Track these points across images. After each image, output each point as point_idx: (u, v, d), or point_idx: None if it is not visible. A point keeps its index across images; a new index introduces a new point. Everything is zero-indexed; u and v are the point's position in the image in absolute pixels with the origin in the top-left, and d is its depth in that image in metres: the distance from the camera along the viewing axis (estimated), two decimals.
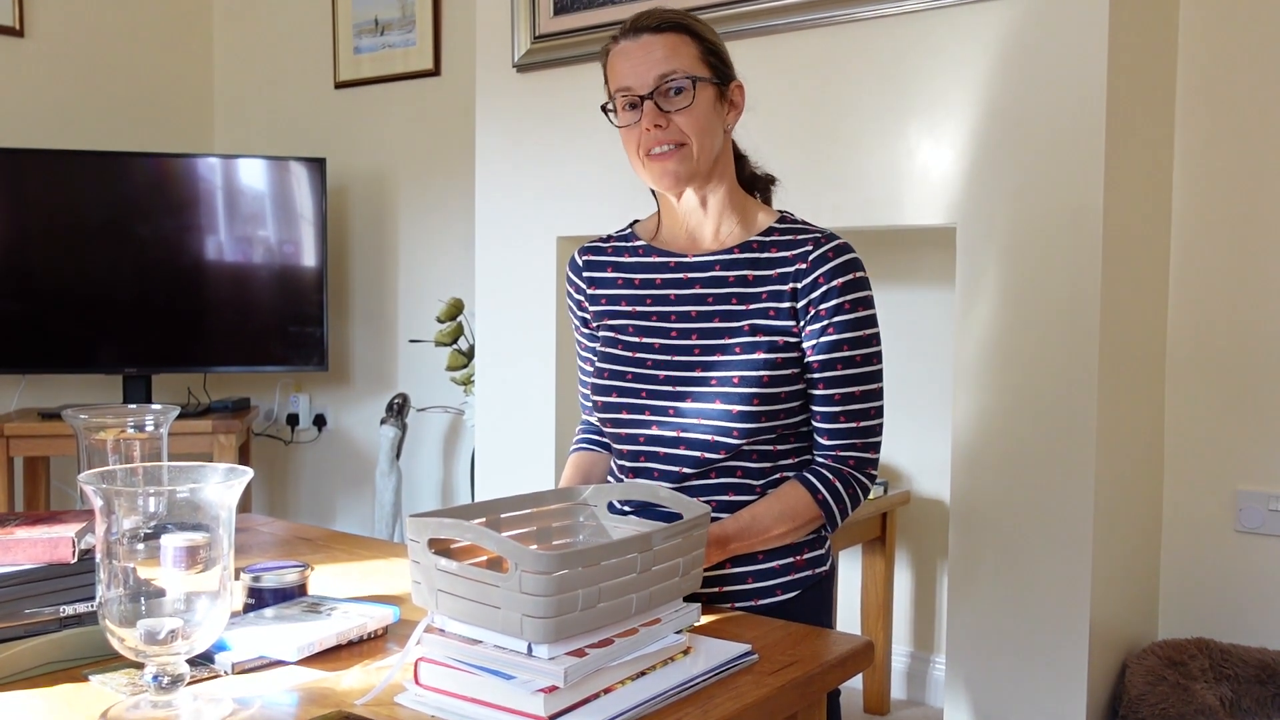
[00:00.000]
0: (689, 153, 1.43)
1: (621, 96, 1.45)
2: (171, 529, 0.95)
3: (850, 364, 1.43)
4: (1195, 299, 2.46)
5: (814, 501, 1.43)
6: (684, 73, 1.42)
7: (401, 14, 3.66)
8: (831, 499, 1.43)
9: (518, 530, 1.20)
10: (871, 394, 1.46)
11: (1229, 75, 2.40)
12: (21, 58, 3.64)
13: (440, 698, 0.98)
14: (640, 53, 1.43)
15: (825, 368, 1.43)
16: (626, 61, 1.44)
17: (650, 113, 1.42)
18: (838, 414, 1.44)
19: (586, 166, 2.77)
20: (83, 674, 1.08)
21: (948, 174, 2.24)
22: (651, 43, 1.43)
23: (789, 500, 1.43)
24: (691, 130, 1.43)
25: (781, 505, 1.42)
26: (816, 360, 1.43)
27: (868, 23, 2.33)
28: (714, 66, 1.46)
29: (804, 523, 1.44)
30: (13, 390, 3.64)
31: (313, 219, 3.60)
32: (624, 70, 1.44)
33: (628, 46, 1.45)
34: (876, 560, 2.77)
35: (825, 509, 1.43)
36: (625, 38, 1.46)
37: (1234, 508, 2.42)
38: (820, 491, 1.43)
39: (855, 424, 1.45)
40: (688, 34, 1.45)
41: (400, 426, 3.56)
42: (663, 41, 1.43)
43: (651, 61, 1.42)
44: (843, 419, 1.44)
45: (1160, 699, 2.15)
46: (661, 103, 1.42)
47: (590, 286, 1.59)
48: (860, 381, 1.44)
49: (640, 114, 1.43)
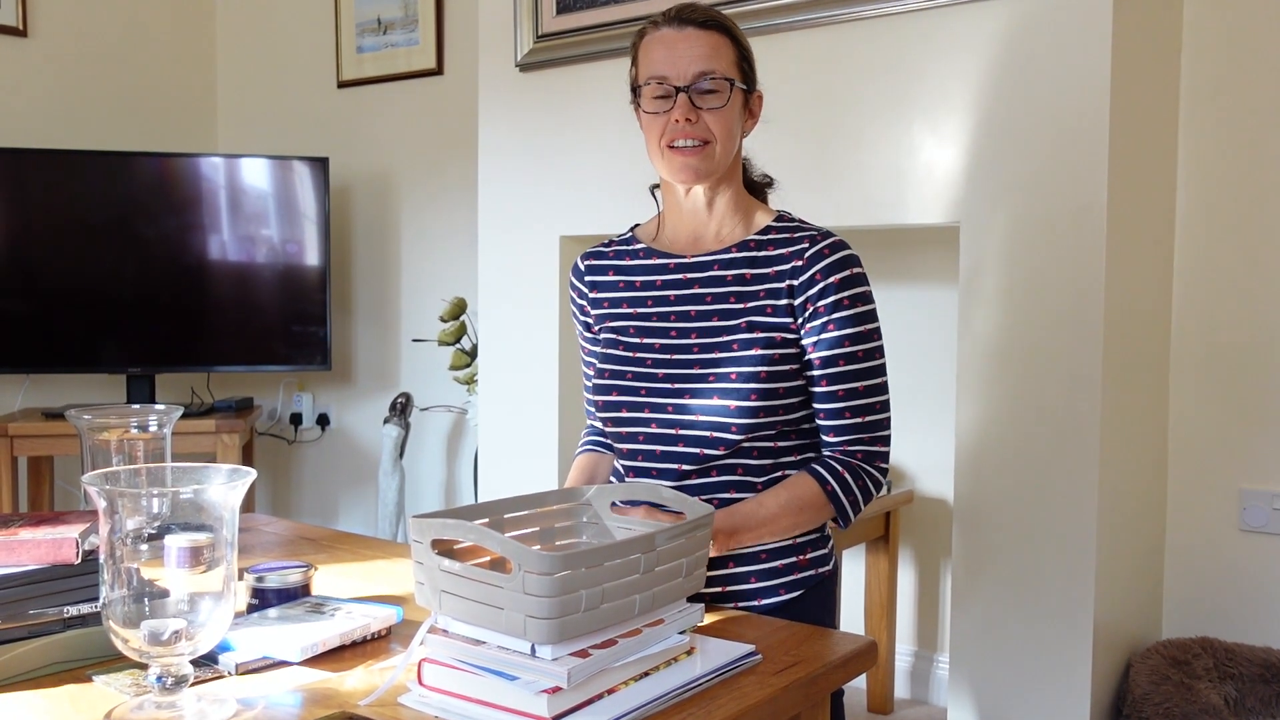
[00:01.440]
0: (711, 151, 1.44)
1: (655, 84, 1.45)
2: (175, 530, 0.95)
3: (853, 359, 1.43)
4: (1199, 297, 2.45)
5: (822, 492, 1.42)
6: (722, 74, 1.43)
7: (404, 13, 3.66)
8: (840, 489, 1.42)
9: (521, 531, 1.20)
10: (875, 388, 1.45)
11: (1233, 72, 2.40)
12: (25, 57, 3.64)
13: (444, 698, 0.98)
14: (684, 45, 1.43)
15: (827, 364, 1.43)
16: (666, 51, 1.44)
17: (684, 106, 1.42)
18: (842, 410, 1.44)
19: (589, 165, 2.77)
20: (87, 675, 1.08)
21: (950, 173, 2.24)
22: (695, 37, 1.43)
23: (796, 489, 1.42)
24: (718, 130, 1.44)
25: (789, 494, 1.42)
26: (818, 357, 1.43)
27: (870, 21, 2.32)
28: (745, 73, 1.48)
29: (813, 512, 1.42)
30: (16, 390, 3.64)
31: (316, 218, 3.60)
32: (661, 58, 1.44)
33: (669, 35, 1.44)
34: (880, 559, 2.77)
35: (834, 500, 1.42)
36: (668, 25, 1.45)
37: (1238, 506, 2.42)
38: (829, 482, 1.42)
39: (861, 419, 1.44)
40: (729, 36, 1.46)
41: (403, 426, 3.57)
42: (707, 38, 1.43)
43: (693, 56, 1.42)
44: (848, 414, 1.44)
45: (1164, 698, 2.15)
46: (695, 98, 1.42)
47: (592, 290, 1.60)
48: (864, 376, 1.44)
49: (670, 104, 1.43)
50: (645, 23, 1.49)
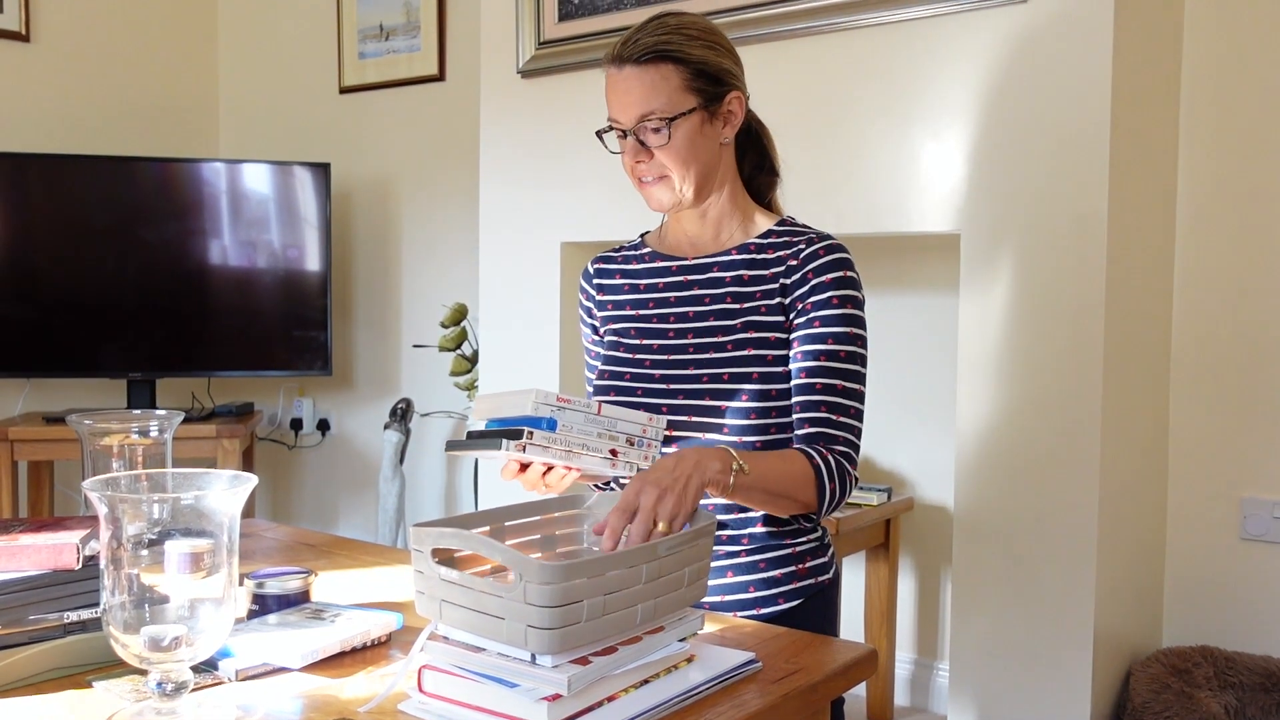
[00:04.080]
0: (671, 182, 1.45)
1: (611, 124, 1.47)
2: (175, 535, 0.95)
3: (834, 358, 1.42)
4: (1200, 306, 2.46)
5: (808, 462, 1.37)
6: (659, 114, 1.41)
7: (406, 19, 3.66)
8: (824, 466, 1.38)
9: (522, 539, 1.19)
10: (853, 393, 1.43)
11: (1234, 81, 2.40)
12: (28, 63, 3.65)
13: (444, 705, 0.98)
14: (623, 86, 1.43)
15: (808, 358, 1.42)
16: (613, 93, 1.45)
17: (631, 149, 1.45)
18: (819, 404, 1.41)
19: (591, 172, 2.78)
20: (87, 680, 1.08)
21: (952, 180, 2.24)
22: (633, 77, 1.42)
23: (786, 453, 1.39)
24: (672, 162, 1.44)
25: (779, 453, 1.39)
26: (802, 351, 1.42)
27: (872, 29, 2.33)
28: (700, 90, 1.43)
29: (800, 476, 1.36)
30: (17, 394, 3.64)
31: (317, 224, 3.60)
32: (611, 100, 1.46)
33: (613, 76, 1.45)
34: (880, 567, 2.77)
35: (817, 474, 1.37)
36: (612, 64, 1.45)
37: (1238, 515, 2.42)
38: (814, 458, 1.38)
39: (837, 417, 1.41)
40: (670, 62, 1.41)
41: (404, 431, 3.56)
42: (641, 77, 1.42)
43: (630, 100, 1.43)
44: (824, 409, 1.41)
45: (1164, 707, 2.15)
46: (643, 137, 1.43)
47: (600, 293, 1.61)
48: (843, 377, 1.42)
49: (626, 143, 1.46)
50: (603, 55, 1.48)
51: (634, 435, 1.36)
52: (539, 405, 1.30)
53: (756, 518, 1.45)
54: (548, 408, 1.30)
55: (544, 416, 1.29)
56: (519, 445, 1.28)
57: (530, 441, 1.28)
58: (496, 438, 1.29)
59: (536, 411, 1.29)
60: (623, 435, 1.34)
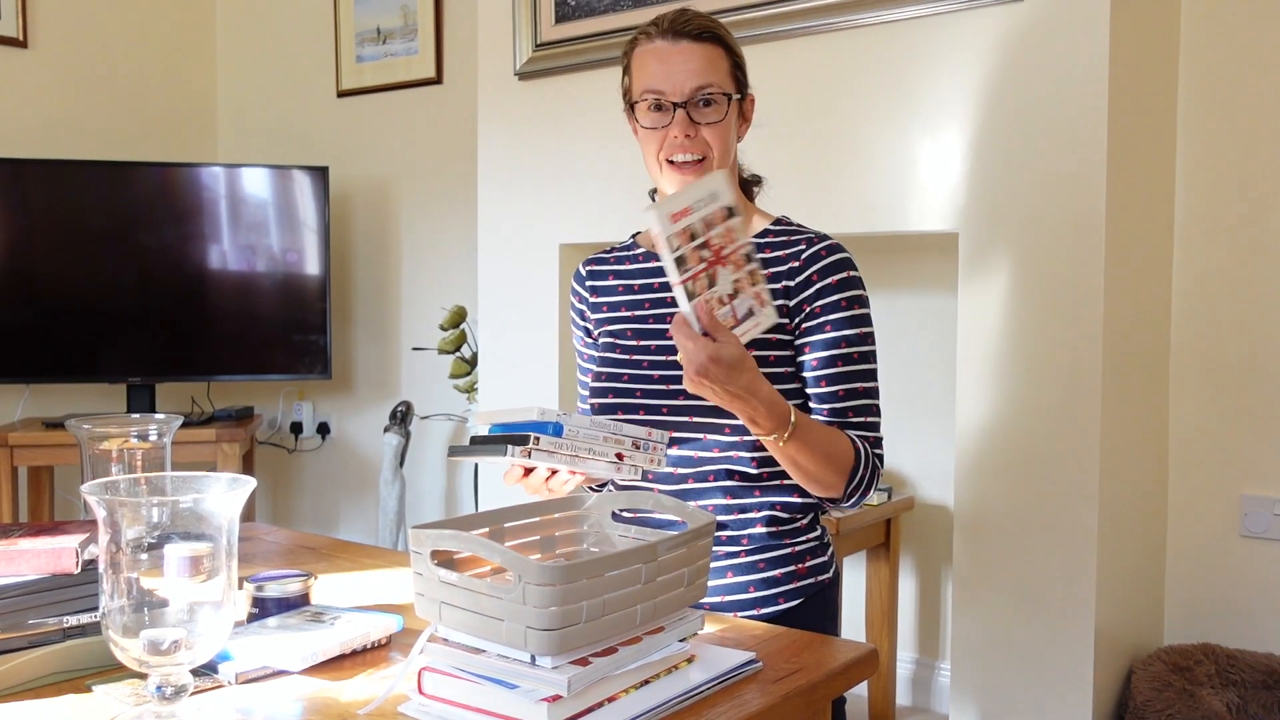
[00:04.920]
0: (709, 166, 1.43)
1: (651, 98, 1.43)
2: (175, 539, 0.95)
3: (850, 360, 1.43)
4: (1199, 304, 2.46)
5: (850, 444, 1.40)
6: (719, 88, 1.41)
7: (403, 23, 3.66)
8: (863, 453, 1.41)
9: (521, 540, 1.19)
10: (872, 391, 1.46)
11: (1231, 80, 2.40)
12: (26, 68, 3.65)
13: (444, 707, 0.98)
14: (679, 58, 1.41)
15: (826, 365, 1.43)
16: (661, 64, 1.42)
17: (682, 122, 1.41)
18: (845, 410, 1.44)
19: (589, 174, 2.78)
20: (86, 685, 1.08)
21: (950, 180, 2.24)
22: (690, 50, 1.41)
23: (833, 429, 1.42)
24: (716, 144, 1.43)
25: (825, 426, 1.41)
26: (816, 358, 1.43)
27: (870, 29, 2.33)
28: (739, 81, 1.46)
29: (843, 450, 1.39)
30: (17, 399, 3.64)
31: (316, 227, 3.60)
32: (656, 72, 1.42)
33: (663, 48, 1.42)
34: (881, 566, 2.76)
35: (857, 457, 1.40)
36: (661, 37, 1.42)
37: (1239, 512, 2.42)
38: (856, 443, 1.41)
39: (863, 418, 1.45)
40: (723, 46, 1.44)
41: (404, 434, 3.56)
42: (702, 51, 1.41)
43: (689, 70, 1.40)
44: (851, 414, 1.44)
45: (1166, 705, 2.15)
46: (693, 113, 1.41)
47: (593, 295, 1.60)
48: (863, 378, 1.45)
49: (667, 118, 1.42)
50: (637, 32, 1.47)
51: (640, 439, 1.36)
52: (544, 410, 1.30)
53: (757, 518, 1.45)
54: (553, 413, 1.30)
55: (550, 421, 1.29)
56: (524, 451, 1.28)
57: (536, 447, 1.28)
58: (501, 443, 1.29)
59: (542, 416, 1.29)
60: (629, 439, 1.34)
